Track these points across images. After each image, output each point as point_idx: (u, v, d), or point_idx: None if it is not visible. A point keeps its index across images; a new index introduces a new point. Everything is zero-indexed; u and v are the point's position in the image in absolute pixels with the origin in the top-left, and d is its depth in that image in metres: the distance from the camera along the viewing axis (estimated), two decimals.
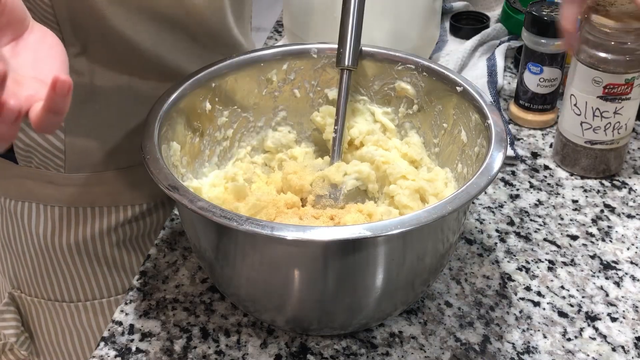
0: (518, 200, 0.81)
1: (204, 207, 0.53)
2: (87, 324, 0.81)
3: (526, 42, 0.90)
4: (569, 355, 0.63)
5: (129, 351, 0.63)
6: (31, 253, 0.78)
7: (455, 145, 0.70)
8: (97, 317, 0.81)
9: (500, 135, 0.61)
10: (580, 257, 0.73)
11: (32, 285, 0.80)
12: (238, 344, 0.63)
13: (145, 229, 0.82)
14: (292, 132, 0.77)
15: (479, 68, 1.02)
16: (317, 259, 0.56)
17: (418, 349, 0.63)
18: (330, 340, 0.64)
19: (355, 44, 0.71)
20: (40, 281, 0.79)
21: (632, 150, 0.89)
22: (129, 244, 0.80)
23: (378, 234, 0.52)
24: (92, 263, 0.79)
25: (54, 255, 0.77)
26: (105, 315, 0.82)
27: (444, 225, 0.58)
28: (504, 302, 0.68)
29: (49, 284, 0.79)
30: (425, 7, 0.96)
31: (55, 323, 0.82)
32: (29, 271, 0.79)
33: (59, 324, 0.82)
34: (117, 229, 0.79)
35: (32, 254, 0.78)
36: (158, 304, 0.67)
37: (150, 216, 0.81)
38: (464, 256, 0.73)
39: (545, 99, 0.92)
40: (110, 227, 0.78)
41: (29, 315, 0.82)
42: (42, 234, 0.76)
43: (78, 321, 0.81)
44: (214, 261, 0.61)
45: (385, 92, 0.75)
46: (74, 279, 0.79)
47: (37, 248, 0.77)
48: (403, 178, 0.70)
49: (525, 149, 0.90)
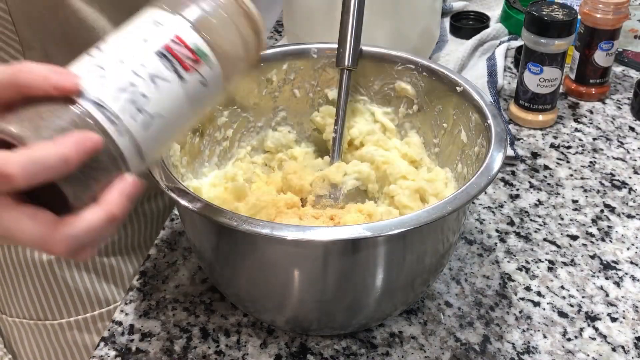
0: (518, 200, 0.81)
1: (203, 207, 0.53)
2: (72, 340, 0.79)
3: (526, 42, 0.90)
4: (569, 355, 0.63)
5: (129, 351, 0.63)
6: (10, 271, 0.75)
7: (455, 145, 0.70)
8: (82, 334, 0.79)
9: (500, 135, 0.61)
10: (580, 257, 0.73)
11: (12, 306, 0.77)
12: (238, 344, 0.63)
13: (134, 234, 0.80)
14: (292, 132, 0.77)
15: (479, 68, 1.02)
16: (317, 259, 0.56)
17: (418, 349, 0.63)
18: (330, 340, 0.64)
19: (355, 44, 0.71)
20: (21, 300, 0.77)
21: (632, 150, 0.89)
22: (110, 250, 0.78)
23: (378, 234, 0.52)
24: (74, 278, 0.76)
25: (34, 272, 0.75)
26: (90, 332, 0.79)
27: (444, 225, 0.58)
28: (504, 302, 0.68)
29: (30, 303, 0.76)
30: (425, 7, 0.96)
31: (39, 342, 0.79)
32: (8, 291, 0.77)
33: (43, 343, 0.79)
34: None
35: (11, 273, 0.75)
36: (158, 304, 0.67)
37: (131, 223, 0.79)
38: (464, 256, 0.73)
39: (545, 99, 0.92)
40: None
41: (11, 336, 0.80)
42: (21, 250, 0.73)
43: (63, 339, 0.79)
44: (214, 261, 0.61)
45: (385, 92, 0.75)
46: (56, 296, 0.76)
47: (17, 265, 0.74)
48: (403, 178, 0.70)
49: (525, 149, 0.90)
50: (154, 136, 0.44)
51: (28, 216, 0.41)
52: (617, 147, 0.90)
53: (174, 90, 0.45)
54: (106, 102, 0.42)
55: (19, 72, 0.41)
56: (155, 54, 0.44)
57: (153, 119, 0.44)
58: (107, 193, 0.43)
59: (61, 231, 0.41)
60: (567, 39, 0.87)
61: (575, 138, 0.92)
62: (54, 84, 0.41)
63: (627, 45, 1.10)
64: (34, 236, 0.41)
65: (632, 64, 1.07)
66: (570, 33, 0.87)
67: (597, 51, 0.95)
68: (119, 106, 0.42)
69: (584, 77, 0.98)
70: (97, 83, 0.43)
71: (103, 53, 0.44)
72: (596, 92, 0.99)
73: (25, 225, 0.41)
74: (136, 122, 0.43)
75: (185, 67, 0.45)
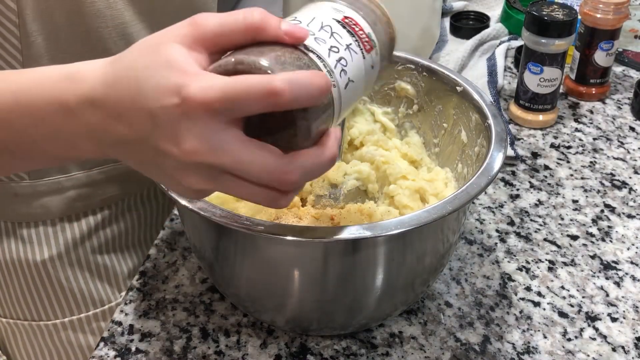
0: (518, 200, 0.81)
1: (204, 207, 0.53)
2: (67, 341, 0.78)
3: (526, 42, 0.90)
4: (569, 355, 0.63)
5: (129, 351, 0.63)
6: (3, 273, 0.74)
7: (455, 145, 0.70)
8: (77, 334, 0.78)
9: (500, 135, 0.61)
10: (580, 257, 0.73)
11: (6, 307, 0.77)
12: (238, 344, 0.63)
13: (129, 233, 0.79)
14: None
15: (479, 68, 1.02)
16: (317, 259, 0.56)
17: (418, 349, 0.63)
18: (330, 340, 0.64)
19: None
20: (15, 302, 0.76)
21: (632, 150, 0.89)
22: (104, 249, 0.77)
23: (378, 234, 0.52)
24: (68, 278, 0.75)
25: (27, 272, 0.74)
26: (85, 332, 0.78)
27: (444, 225, 0.58)
28: (504, 302, 0.68)
29: (24, 304, 0.76)
30: (425, 7, 0.96)
31: (34, 343, 0.78)
32: (2, 292, 0.76)
33: (38, 344, 0.78)
34: (91, 236, 0.75)
35: (4, 274, 0.75)
36: (158, 304, 0.67)
37: (124, 218, 0.78)
38: (464, 256, 0.73)
39: (546, 99, 0.92)
40: (83, 235, 0.74)
41: (6, 338, 0.79)
42: (15, 251, 0.73)
43: (58, 340, 0.78)
44: (214, 261, 0.61)
45: (385, 92, 0.75)
46: (50, 297, 0.75)
47: (10, 266, 0.74)
48: (403, 178, 0.70)
49: (525, 149, 0.90)
50: (347, 97, 0.47)
51: (260, 147, 0.42)
52: (617, 147, 0.90)
53: (359, 63, 0.48)
54: (324, 56, 0.45)
55: (255, 17, 0.43)
56: (346, 31, 0.48)
57: (350, 81, 0.47)
58: (328, 137, 0.45)
59: (297, 161, 0.43)
60: (567, 39, 0.87)
61: (576, 138, 0.92)
62: (287, 30, 0.43)
63: (627, 45, 1.10)
64: (269, 166, 0.42)
65: (632, 64, 1.07)
66: (570, 33, 0.87)
67: (597, 51, 0.95)
68: (332, 62, 0.46)
69: (584, 77, 0.98)
70: (312, 40, 0.46)
71: (304, 22, 0.47)
72: (596, 92, 0.99)
73: (259, 156, 0.42)
74: (341, 79, 0.46)
75: (365, 47, 0.49)
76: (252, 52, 0.42)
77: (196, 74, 0.40)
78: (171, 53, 0.41)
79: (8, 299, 0.76)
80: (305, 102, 0.41)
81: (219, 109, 0.40)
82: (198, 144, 0.40)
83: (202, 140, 0.40)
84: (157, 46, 0.42)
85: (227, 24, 0.42)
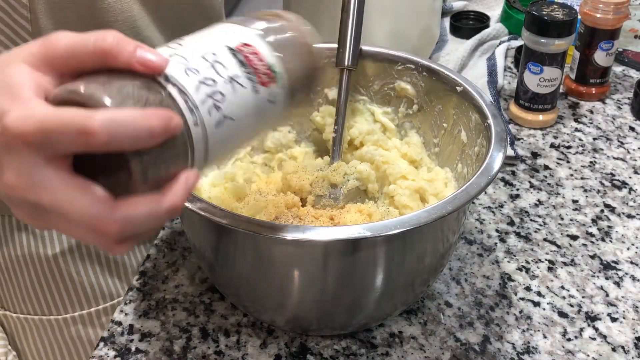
0: (518, 200, 0.81)
1: (203, 207, 0.53)
2: (76, 335, 0.78)
3: (526, 42, 0.90)
4: (569, 355, 0.63)
5: (129, 351, 0.63)
6: (14, 267, 0.75)
7: (455, 145, 0.70)
8: (86, 329, 0.78)
9: (500, 135, 0.61)
10: (580, 257, 0.73)
11: (16, 302, 0.77)
12: (238, 344, 0.63)
13: None
14: (291, 132, 0.77)
15: (479, 68, 1.02)
16: (316, 259, 0.56)
17: (418, 349, 0.63)
18: (330, 340, 0.64)
19: (355, 44, 0.71)
20: (25, 297, 0.76)
21: (632, 150, 0.89)
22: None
23: (378, 234, 0.52)
24: (78, 272, 0.75)
25: (38, 267, 0.74)
26: (94, 326, 0.78)
27: (444, 225, 0.58)
28: (504, 302, 0.68)
29: (34, 299, 0.76)
30: (425, 7, 0.96)
31: (43, 338, 0.79)
32: (13, 287, 0.76)
33: (47, 338, 0.79)
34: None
35: (15, 269, 0.75)
36: (158, 304, 0.67)
37: None
38: (464, 256, 0.73)
39: (546, 99, 0.92)
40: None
41: (16, 333, 0.79)
42: (26, 245, 0.73)
43: (67, 334, 0.78)
44: (214, 261, 0.61)
45: (385, 92, 0.75)
46: (60, 291, 0.76)
47: (21, 261, 0.74)
48: (403, 178, 0.70)
49: (525, 149, 0.90)
50: (220, 137, 0.43)
51: (82, 189, 0.38)
52: (617, 147, 0.90)
53: (247, 98, 0.44)
54: (189, 90, 0.41)
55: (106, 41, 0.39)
56: (236, 61, 0.44)
57: (225, 119, 0.43)
58: (174, 183, 0.40)
59: (119, 211, 0.39)
60: (567, 38, 0.87)
61: (576, 138, 0.92)
62: (141, 59, 0.40)
63: (627, 45, 1.10)
64: (87, 212, 0.38)
65: (632, 63, 1.07)
66: (570, 33, 0.87)
67: (597, 51, 0.95)
68: (199, 97, 0.42)
69: (584, 77, 0.98)
70: (180, 70, 0.42)
71: (184, 48, 0.44)
72: (596, 92, 0.99)
73: (78, 199, 0.38)
74: (211, 117, 0.42)
75: (260, 79, 0.45)
76: (97, 80, 0.39)
77: (25, 100, 0.37)
78: (12, 74, 0.39)
79: (19, 293, 0.77)
80: (128, 144, 0.37)
81: (35, 143, 0.37)
82: (15, 178, 0.38)
83: (19, 176, 0.38)
84: (7, 64, 0.40)
85: (77, 45, 0.39)
